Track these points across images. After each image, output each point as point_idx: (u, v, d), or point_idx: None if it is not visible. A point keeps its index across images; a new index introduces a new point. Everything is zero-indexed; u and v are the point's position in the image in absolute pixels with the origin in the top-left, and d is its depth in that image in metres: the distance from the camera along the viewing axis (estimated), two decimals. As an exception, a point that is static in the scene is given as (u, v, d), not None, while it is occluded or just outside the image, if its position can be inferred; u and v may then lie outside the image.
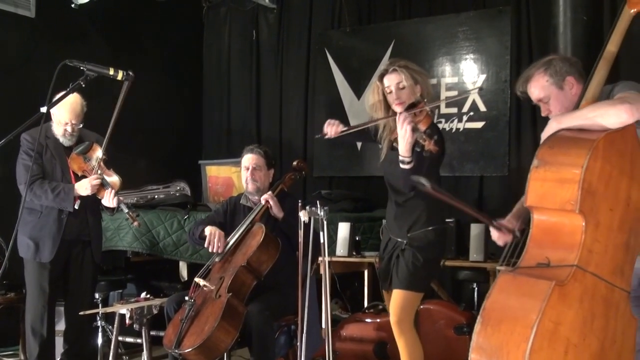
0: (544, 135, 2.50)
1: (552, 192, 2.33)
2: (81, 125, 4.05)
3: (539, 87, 2.72)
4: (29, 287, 4.02)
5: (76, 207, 3.95)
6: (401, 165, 3.07)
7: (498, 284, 2.36)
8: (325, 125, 3.42)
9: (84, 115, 4.03)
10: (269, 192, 3.93)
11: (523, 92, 2.79)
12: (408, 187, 3.14)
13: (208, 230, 3.89)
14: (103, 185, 3.97)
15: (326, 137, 3.39)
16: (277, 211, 3.88)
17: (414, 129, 3.00)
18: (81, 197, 3.96)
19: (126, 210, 3.98)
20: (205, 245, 3.87)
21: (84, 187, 3.93)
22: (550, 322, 2.17)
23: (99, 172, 3.97)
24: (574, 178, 2.26)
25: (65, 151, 4.06)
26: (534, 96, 2.75)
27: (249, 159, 4.04)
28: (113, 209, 4.02)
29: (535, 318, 2.16)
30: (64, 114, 3.94)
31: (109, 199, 3.94)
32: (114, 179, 4.03)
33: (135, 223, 4.02)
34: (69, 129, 3.99)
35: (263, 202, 3.91)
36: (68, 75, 2.94)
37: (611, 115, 2.32)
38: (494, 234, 2.80)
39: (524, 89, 2.78)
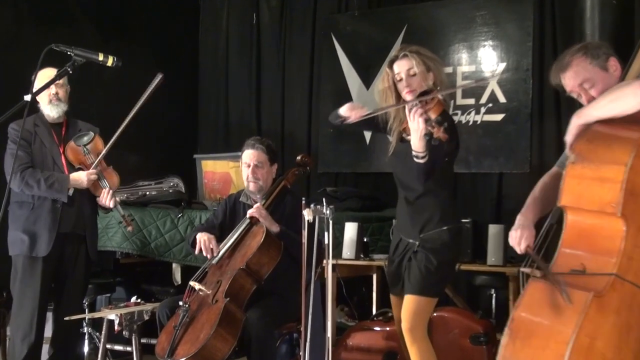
0: (570, 136, 2.47)
1: (591, 192, 2.29)
2: (69, 88, 4.07)
3: (582, 71, 2.63)
4: (19, 289, 4.02)
5: (70, 193, 3.97)
6: (415, 160, 3.07)
7: (528, 292, 2.33)
8: (346, 108, 3.40)
9: (66, 80, 4.04)
10: (257, 205, 3.90)
11: (558, 83, 2.71)
12: (422, 179, 3.14)
13: (198, 236, 3.91)
14: (100, 181, 3.99)
15: (346, 122, 3.38)
16: (269, 225, 3.82)
17: (425, 119, 3.00)
18: (76, 187, 3.98)
19: (121, 213, 4.00)
20: (197, 253, 3.89)
21: (80, 180, 3.97)
22: (587, 337, 2.15)
23: (98, 168, 3.99)
24: (616, 177, 2.22)
25: (57, 138, 4.07)
26: (574, 82, 2.65)
27: (249, 155, 4.02)
28: (108, 208, 4.04)
29: (572, 333, 2.13)
30: (46, 76, 3.90)
31: (105, 199, 3.96)
32: (112, 177, 4.06)
33: (130, 228, 4.04)
34: (53, 90, 3.99)
35: (248, 216, 3.87)
36: (54, 61, 2.95)
37: (628, 96, 2.29)
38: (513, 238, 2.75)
39: (560, 79, 2.69)
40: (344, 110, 3.43)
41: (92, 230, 4.18)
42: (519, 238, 2.67)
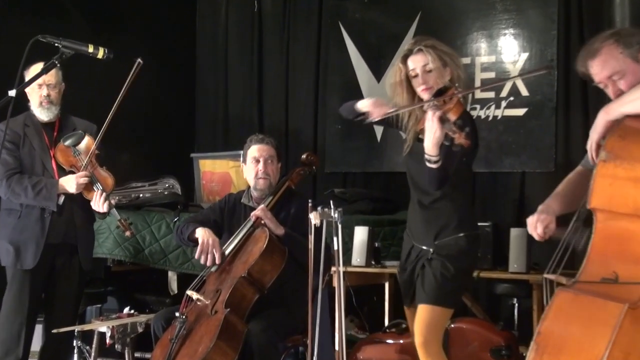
0: (595, 134, 2.47)
1: (624, 193, 2.28)
2: (63, 86, 4.07)
3: (611, 60, 2.61)
4: (6, 301, 4.03)
5: (60, 202, 3.97)
6: (427, 164, 3.07)
7: (556, 303, 2.32)
8: (369, 103, 3.40)
9: (60, 78, 4.06)
10: (262, 206, 3.92)
11: (585, 72, 2.70)
12: (435, 185, 3.15)
13: (200, 233, 3.89)
14: (92, 184, 3.99)
15: (367, 120, 3.38)
16: (274, 227, 3.85)
17: (443, 120, 2.99)
18: (66, 193, 3.99)
19: (118, 217, 4.00)
20: (197, 256, 3.87)
21: (68, 184, 3.96)
22: (621, 352, 2.14)
23: (89, 169, 4.00)
24: None
25: (48, 140, 4.08)
26: (603, 73, 2.64)
27: (259, 150, 4.03)
28: (103, 213, 4.05)
29: (605, 348, 2.13)
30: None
31: (98, 203, 3.96)
32: (106, 179, 4.06)
33: (128, 233, 4.04)
34: (44, 92, 4.00)
35: (253, 218, 3.90)
36: (41, 54, 2.96)
37: None
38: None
39: (587, 67, 2.68)
40: (365, 105, 3.42)
41: (86, 239, 4.18)
42: (535, 222, 2.70)
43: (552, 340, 2.27)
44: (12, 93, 2.80)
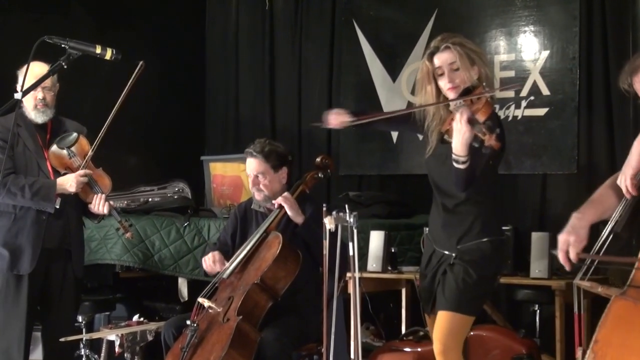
0: (630, 167, 2.49)
1: None
2: (57, 87, 4.06)
3: None
4: (2, 307, 4.03)
5: (57, 205, 3.96)
6: (455, 165, 3.07)
7: (613, 311, 2.33)
8: (328, 114, 3.45)
9: (55, 79, 4.05)
10: (285, 193, 3.93)
11: (628, 88, 2.71)
12: (461, 186, 3.13)
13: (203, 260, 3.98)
14: (90, 186, 3.99)
15: (323, 126, 3.43)
16: (294, 215, 3.88)
17: (472, 121, 2.98)
18: (63, 195, 3.98)
19: (118, 219, 4.00)
20: (212, 272, 3.93)
21: (68, 183, 3.95)
22: None
23: (87, 170, 3.99)
24: None
25: (42, 141, 4.08)
26: None
27: (248, 165, 4.04)
28: (101, 215, 4.04)
29: None
30: (32, 80, 3.88)
31: (98, 205, 3.96)
32: (103, 179, 4.06)
33: (128, 234, 4.03)
34: (40, 95, 3.98)
35: (276, 205, 3.92)
36: (43, 54, 2.97)
37: None
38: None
39: (630, 82, 2.70)
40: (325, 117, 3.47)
41: (79, 244, 4.15)
42: (564, 244, 2.66)
43: (611, 351, 2.27)
44: (18, 96, 2.82)
